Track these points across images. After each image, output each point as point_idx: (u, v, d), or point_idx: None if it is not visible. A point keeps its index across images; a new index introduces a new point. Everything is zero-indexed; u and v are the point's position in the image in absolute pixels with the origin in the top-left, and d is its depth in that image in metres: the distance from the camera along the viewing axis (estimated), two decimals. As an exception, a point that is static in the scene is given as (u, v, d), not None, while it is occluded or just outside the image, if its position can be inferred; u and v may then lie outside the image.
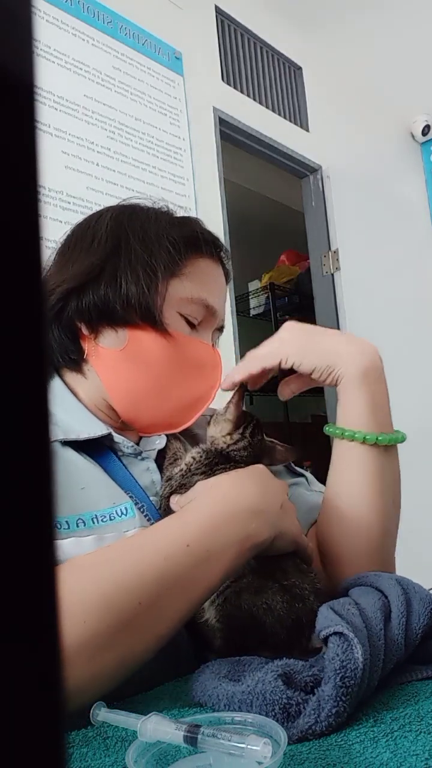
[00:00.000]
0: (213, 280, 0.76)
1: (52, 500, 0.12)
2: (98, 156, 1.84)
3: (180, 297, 0.72)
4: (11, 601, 0.11)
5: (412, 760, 0.38)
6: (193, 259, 0.73)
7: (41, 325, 0.12)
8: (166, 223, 0.75)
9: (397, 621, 0.51)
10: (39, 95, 0.12)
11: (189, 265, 0.73)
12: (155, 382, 0.72)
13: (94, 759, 0.42)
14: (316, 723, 0.42)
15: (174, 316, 0.72)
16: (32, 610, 0.12)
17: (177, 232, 0.73)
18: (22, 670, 0.11)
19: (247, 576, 0.61)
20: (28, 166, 0.12)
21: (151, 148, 2.02)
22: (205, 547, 0.54)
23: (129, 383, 0.72)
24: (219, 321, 0.78)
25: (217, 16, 2.41)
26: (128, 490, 0.69)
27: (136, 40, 2.05)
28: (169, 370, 0.72)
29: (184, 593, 0.53)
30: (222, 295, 0.79)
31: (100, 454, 0.70)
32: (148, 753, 0.41)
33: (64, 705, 0.12)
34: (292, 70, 2.79)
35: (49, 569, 0.12)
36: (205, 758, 0.40)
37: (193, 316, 0.73)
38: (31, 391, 0.12)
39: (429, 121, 3.20)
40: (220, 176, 2.25)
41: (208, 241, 0.75)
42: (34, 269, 0.12)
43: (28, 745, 0.11)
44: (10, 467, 0.11)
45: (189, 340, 0.73)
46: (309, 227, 2.81)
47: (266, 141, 2.50)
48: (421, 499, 2.70)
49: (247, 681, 0.46)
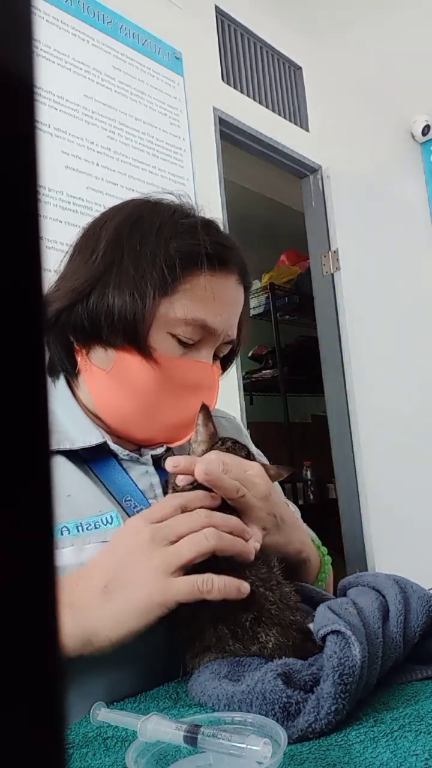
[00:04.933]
0: (214, 297, 0.70)
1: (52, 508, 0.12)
2: (98, 156, 1.84)
3: (172, 318, 0.68)
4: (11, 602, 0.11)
5: (412, 760, 0.38)
6: (191, 277, 0.69)
7: (41, 326, 0.12)
8: (169, 234, 0.69)
9: (395, 620, 0.51)
10: (39, 95, 0.12)
11: (186, 283, 0.69)
12: (142, 405, 0.70)
13: (94, 759, 0.42)
14: (315, 721, 0.42)
15: (165, 337, 0.69)
16: (32, 611, 0.12)
17: (177, 246, 0.69)
18: (22, 671, 0.11)
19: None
20: (28, 166, 0.12)
21: (151, 148, 2.02)
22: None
23: (116, 404, 0.71)
24: (223, 337, 0.73)
25: (217, 16, 2.41)
26: (127, 494, 0.68)
27: (136, 40, 2.05)
28: (156, 395, 0.69)
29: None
30: (229, 309, 0.73)
31: (99, 459, 0.70)
32: (148, 753, 0.41)
33: (64, 705, 0.12)
34: (292, 70, 2.79)
35: (50, 570, 0.12)
36: (205, 758, 0.40)
37: (187, 337, 0.70)
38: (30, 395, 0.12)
39: (429, 121, 3.20)
40: (220, 176, 2.25)
41: (211, 255, 0.69)
42: (34, 269, 0.12)
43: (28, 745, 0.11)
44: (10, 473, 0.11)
45: (179, 363, 0.70)
46: (309, 227, 2.81)
47: (266, 141, 2.50)
48: (421, 500, 2.70)
49: (247, 681, 0.46)
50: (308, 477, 3.80)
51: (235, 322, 0.76)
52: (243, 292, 0.77)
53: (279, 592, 0.57)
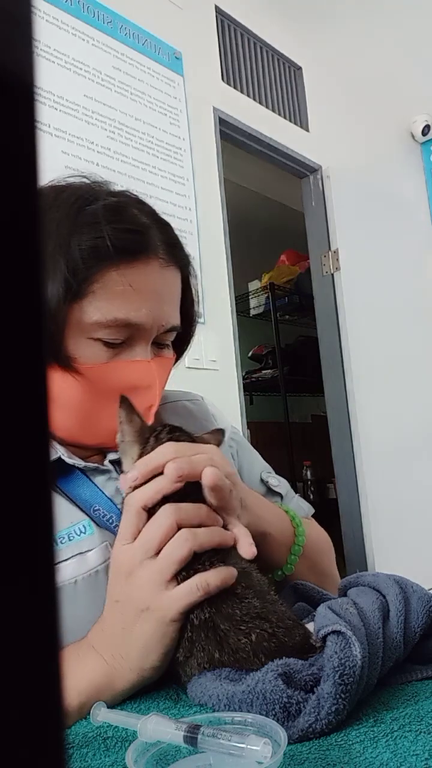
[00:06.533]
0: (134, 290, 0.63)
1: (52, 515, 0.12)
2: (98, 156, 1.84)
3: (88, 323, 0.62)
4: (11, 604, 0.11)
5: (412, 760, 0.38)
6: (101, 274, 0.62)
7: (41, 328, 0.12)
8: (68, 231, 0.62)
9: (396, 620, 0.51)
10: (39, 95, 0.12)
11: (96, 282, 0.62)
12: (79, 418, 0.67)
13: (94, 759, 0.42)
14: (316, 721, 0.42)
15: (87, 343, 0.63)
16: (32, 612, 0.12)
17: (78, 243, 0.62)
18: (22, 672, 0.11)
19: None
20: (28, 166, 0.12)
21: (151, 148, 2.02)
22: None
23: (56, 418, 0.67)
24: (158, 328, 0.67)
25: (217, 16, 2.41)
26: (95, 504, 0.66)
27: (136, 40, 2.05)
28: (89, 405, 0.65)
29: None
30: (156, 298, 0.66)
31: (61, 473, 0.67)
32: (148, 753, 0.41)
33: (64, 705, 0.12)
34: (292, 70, 2.79)
35: (50, 569, 0.12)
36: (205, 758, 0.40)
37: (111, 338, 0.64)
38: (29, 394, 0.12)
39: (429, 121, 3.20)
40: (220, 176, 2.25)
41: (118, 246, 0.62)
42: (34, 269, 0.12)
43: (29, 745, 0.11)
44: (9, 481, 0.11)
45: (106, 369, 0.64)
46: (309, 227, 2.81)
47: (266, 141, 2.50)
48: (421, 500, 2.70)
49: (247, 681, 0.46)
50: (308, 477, 3.81)
51: (171, 307, 0.69)
52: (174, 271, 0.69)
53: (259, 583, 0.55)
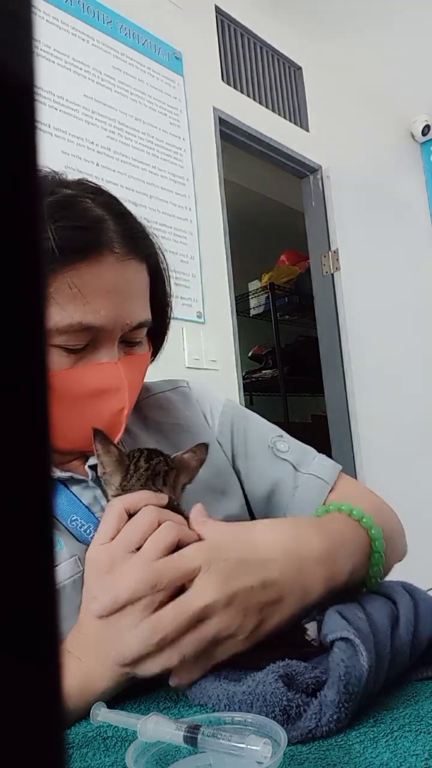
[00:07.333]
0: (89, 291, 0.60)
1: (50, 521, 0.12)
2: (98, 156, 1.84)
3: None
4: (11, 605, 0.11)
5: (412, 760, 0.38)
6: (52, 277, 0.58)
7: (40, 328, 0.12)
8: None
9: (405, 629, 0.51)
10: (39, 95, 0.12)
11: (48, 286, 0.59)
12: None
13: (94, 759, 0.42)
14: (317, 727, 0.42)
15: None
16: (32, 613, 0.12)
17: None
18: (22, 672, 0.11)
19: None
20: (28, 165, 0.12)
21: (151, 148, 2.02)
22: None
23: None
24: (123, 327, 0.63)
25: (217, 16, 2.41)
26: (72, 514, 0.64)
27: (136, 40, 2.05)
28: (58, 412, 0.61)
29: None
30: (116, 297, 0.62)
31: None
32: (148, 753, 0.41)
33: (64, 705, 0.12)
34: (292, 70, 2.79)
35: (50, 570, 0.12)
36: (205, 758, 0.40)
37: (71, 344, 0.61)
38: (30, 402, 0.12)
39: (429, 121, 3.21)
40: (220, 176, 2.25)
41: (65, 247, 0.58)
42: (34, 269, 0.12)
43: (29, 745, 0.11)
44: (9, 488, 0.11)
45: (67, 376, 0.61)
46: (309, 227, 2.81)
47: (266, 141, 2.50)
48: (422, 500, 2.70)
49: (248, 682, 0.46)
50: (308, 477, 3.80)
51: (136, 303, 0.65)
52: (136, 263, 0.65)
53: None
